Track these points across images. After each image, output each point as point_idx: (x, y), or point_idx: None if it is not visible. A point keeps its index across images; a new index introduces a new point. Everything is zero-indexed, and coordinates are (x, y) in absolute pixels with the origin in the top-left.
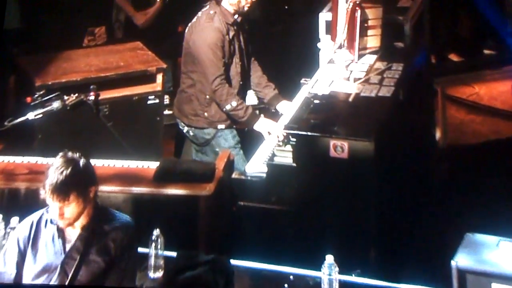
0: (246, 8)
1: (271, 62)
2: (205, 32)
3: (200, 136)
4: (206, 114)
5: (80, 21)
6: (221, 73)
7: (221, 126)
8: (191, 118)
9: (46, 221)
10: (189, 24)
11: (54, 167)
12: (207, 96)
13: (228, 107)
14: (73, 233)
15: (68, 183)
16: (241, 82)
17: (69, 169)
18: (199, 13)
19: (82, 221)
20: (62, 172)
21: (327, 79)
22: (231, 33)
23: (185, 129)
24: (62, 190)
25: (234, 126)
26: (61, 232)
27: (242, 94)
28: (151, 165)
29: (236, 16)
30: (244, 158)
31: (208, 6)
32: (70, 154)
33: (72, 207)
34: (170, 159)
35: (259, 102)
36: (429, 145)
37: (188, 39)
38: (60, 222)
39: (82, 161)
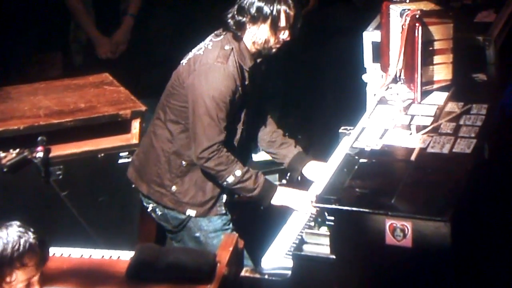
0: (274, 50)
1: (299, 103)
2: (214, 76)
3: (171, 216)
4: (174, 188)
5: (24, 45)
6: (222, 139)
7: (191, 212)
8: (153, 188)
9: None
10: (190, 55)
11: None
12: (184, 163)
13: (230, 179)
14: None
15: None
16: (238, 150)
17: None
18: (208, 42)
19: None
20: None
21: (378, 128)
22: (246, 82)
23: (150, 206)
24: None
25: (214, 213)
26: None
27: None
28: (123, 256)
29: (255, 58)
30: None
31: (222, 37)
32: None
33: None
34: (150, 246)
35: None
36: None
37: (183, 75)
38: None
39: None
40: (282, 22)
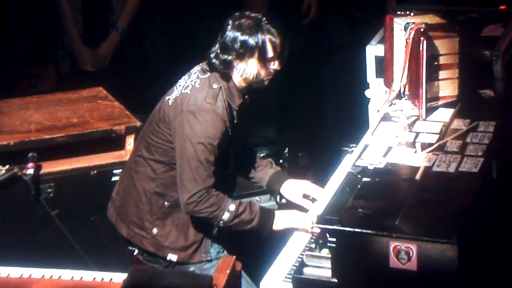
0: (266, 82)
1: (299, 120)
2: (203, 118)
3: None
4: (155, 230)
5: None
6: (210, 184)
7: (172, 257)
8: (133, 230)
9: None
10: (176, 93)
11: None
12: (166, 204)
13: (225, 216)
14: None
15: None
16: (224, 185)
17: None
18: (195, 79)
19: None
20: None
21: (381, 145)
22: (235, 121)
23: (135, 249)
24: None
25: (198, 259)
26: None
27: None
28: (116, 278)
29: (245, 95)
30: (243, 273)
31: (209, 74)
32: None
33: None
34: (144, 269)
35: None
36: None
37: (170, 115)
38: None
39: None
40: (270, 53)
